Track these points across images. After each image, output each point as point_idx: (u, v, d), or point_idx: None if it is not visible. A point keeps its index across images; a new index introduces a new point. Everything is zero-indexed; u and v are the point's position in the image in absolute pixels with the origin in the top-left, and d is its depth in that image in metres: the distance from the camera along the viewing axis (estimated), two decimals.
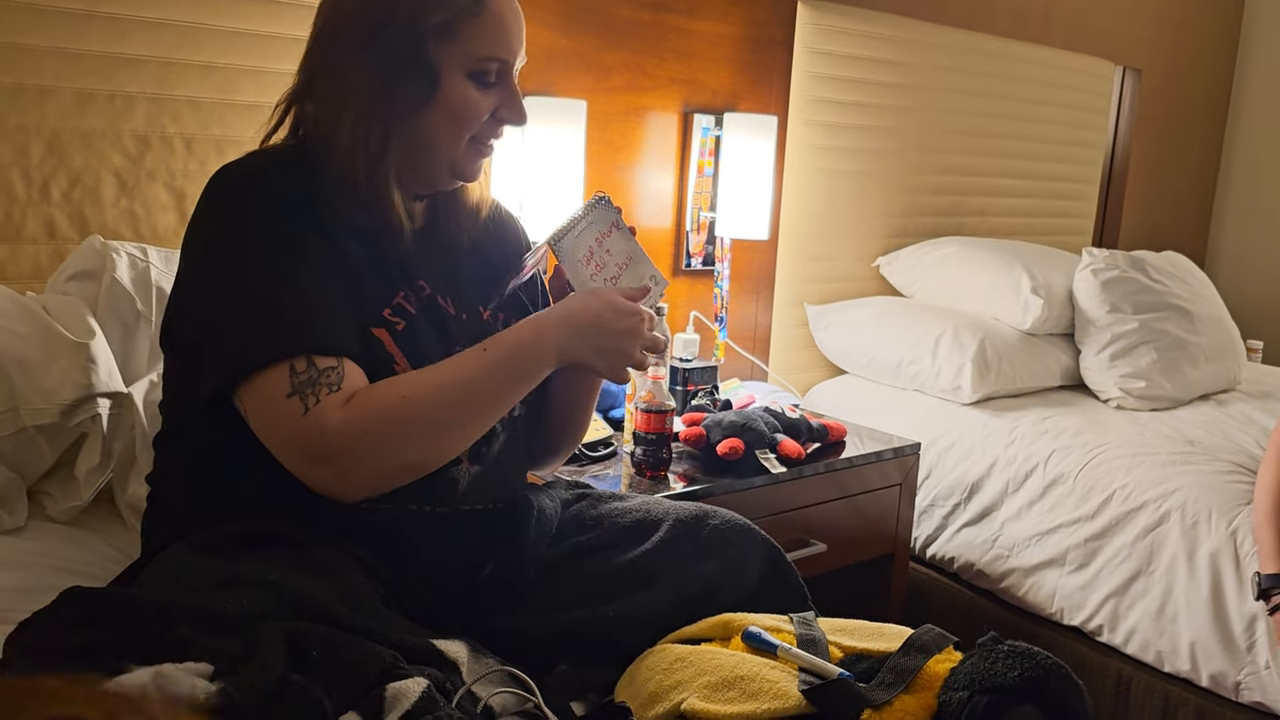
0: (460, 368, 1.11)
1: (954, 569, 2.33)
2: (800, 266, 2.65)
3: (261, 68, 1.75)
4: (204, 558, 1.02)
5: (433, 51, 1.11)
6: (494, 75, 1.15)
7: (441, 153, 1.16)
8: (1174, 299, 2.66)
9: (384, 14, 1.11)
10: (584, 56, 2.19)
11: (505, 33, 1.15)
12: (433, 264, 1.22)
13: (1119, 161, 3.64)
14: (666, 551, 1.24)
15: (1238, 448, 2.26)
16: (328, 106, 1.13)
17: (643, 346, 1.20)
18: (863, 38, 2.66)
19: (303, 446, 1.04)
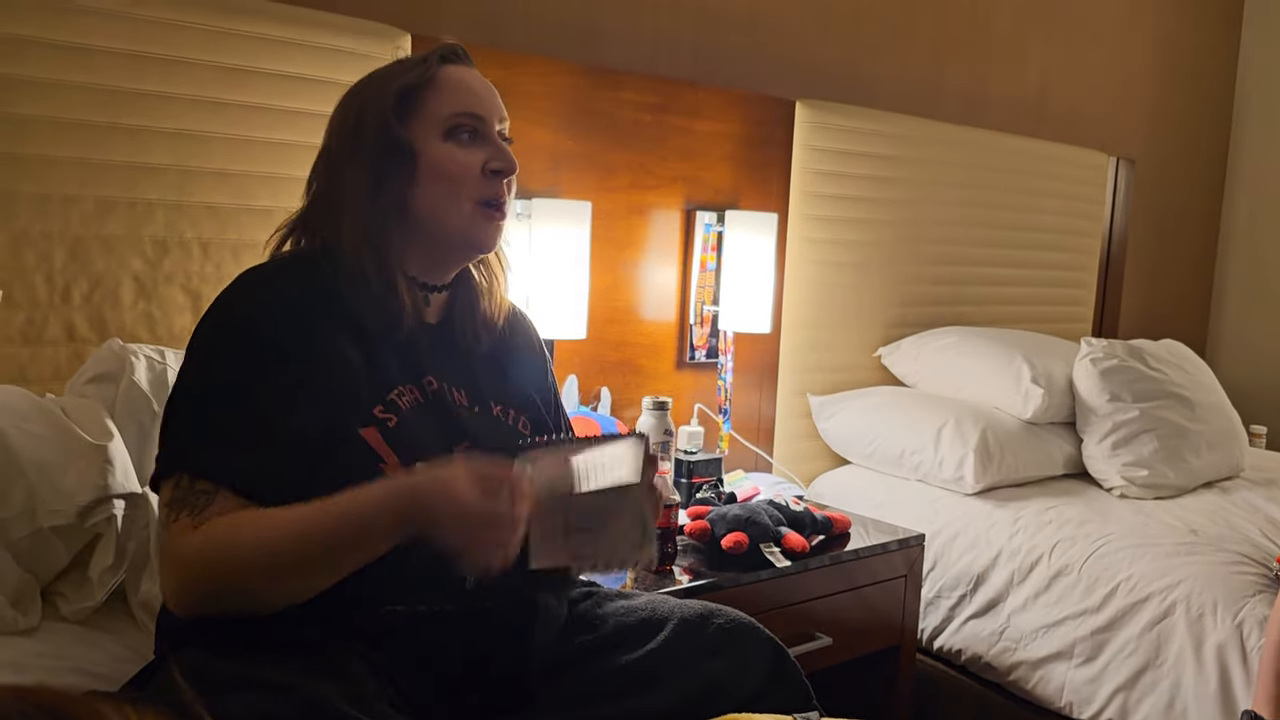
0: (305, 512, 1.06)
1: (961, 661, 2.32)
2: (803, 357, 2.69)
3: (275, 173, 1.81)
4: (217, 658, 1.04)
5: (402, 128, 1.18)
6: (469, 132, 1.21)
7: (446, 221, 1.20)
8: (1173, 387, 2.69)
9: (358, 115, 1.20)
10: (589, 157, 2.26)
11: (470, 93, 1.22)
12: (446, 359, 1.25)
13: (1116, 250, 3.69)
14: (671, 651, 1.25)
15: (1242, 537, 2.26)
16: (330, 216, 1.20)
17: (505, 547, 1.04)
18: (860, 134, 2.73)
19: (159, 554, 1.11)
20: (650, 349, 2.42)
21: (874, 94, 2.89)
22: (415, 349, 1.22)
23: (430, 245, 1.22)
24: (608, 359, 2.33)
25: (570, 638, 1.28)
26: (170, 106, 1.71)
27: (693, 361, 2.49)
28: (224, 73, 1.75)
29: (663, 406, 2.00)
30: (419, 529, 1.05)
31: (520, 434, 1.29)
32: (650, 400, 2.00)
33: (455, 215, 1.20)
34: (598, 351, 2.31)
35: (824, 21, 2.77)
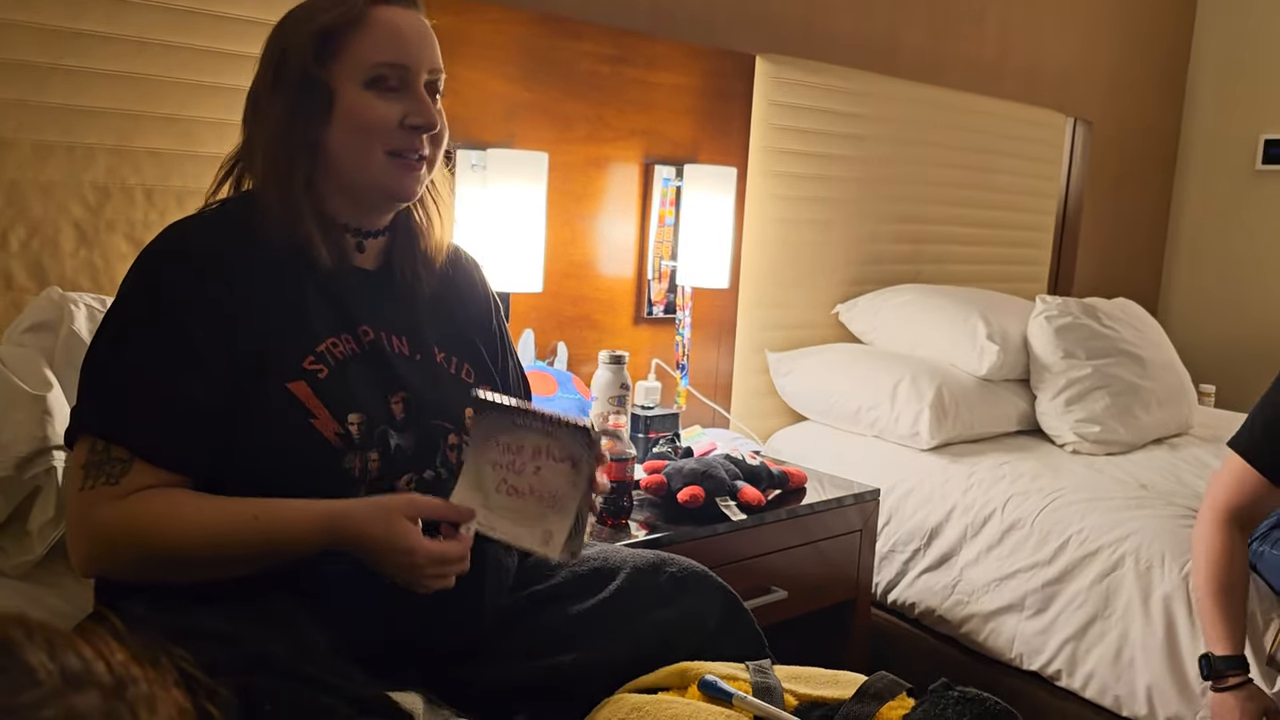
0: (231, 519, 1.07)
1: (915, 614, 2.34)
2: (761, 314, 2.69)
3: (225, 119, 1.75)
4: (159, 611, 1.02)
5: (320, 69, 1.14)
6: (394, 82, 1.15)
7: (357, 169, 1.16)
8: (1126, 345, 2.72)
9: (281, 46, 1.16)
10: (545, 109, 2.23)
11: (398, 39, 1.16)
12: (385, 306, 1.23)
13: (1072, 210, 3.72)
14: (623, 600, 1.24)
15: (1190, 491, 2.30)
16: (253, 147, 1.18)
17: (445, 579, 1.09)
18: (820, 90, 2.71)
19: (70, 515, 1.10)
20: (608, 304, 2.40)
21: (834, 50, 2.87)
22: (349, 297, 1.19)
23: (349, 190, 1.18)
24: (565, 313, 2.31)
25: (522, 588, 1.28)
26: (113, 48, 1.65)
27: (650, 317, 2.47)
28: (172, 14, 1.69)
29: (619, 361, 1.98)
30: (352, 554, 1.07)
31: (463, 382, 1.26)
32: (607, 354, 1.99)
33: (368, 165, 1.16)
34: (555, 306, 2.29)
35: None
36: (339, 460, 1.13)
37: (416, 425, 1.19)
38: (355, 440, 1.14)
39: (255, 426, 1.10)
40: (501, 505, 1.10)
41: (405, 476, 1.18)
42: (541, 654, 1.20)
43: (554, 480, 1.09)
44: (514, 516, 1.10)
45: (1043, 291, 3.57)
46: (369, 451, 1.15)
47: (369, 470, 1.15)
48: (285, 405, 1.11)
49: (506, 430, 1.10)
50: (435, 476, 1.20)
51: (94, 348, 1.13)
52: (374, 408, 1.16)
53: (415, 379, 1.21)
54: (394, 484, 1.17)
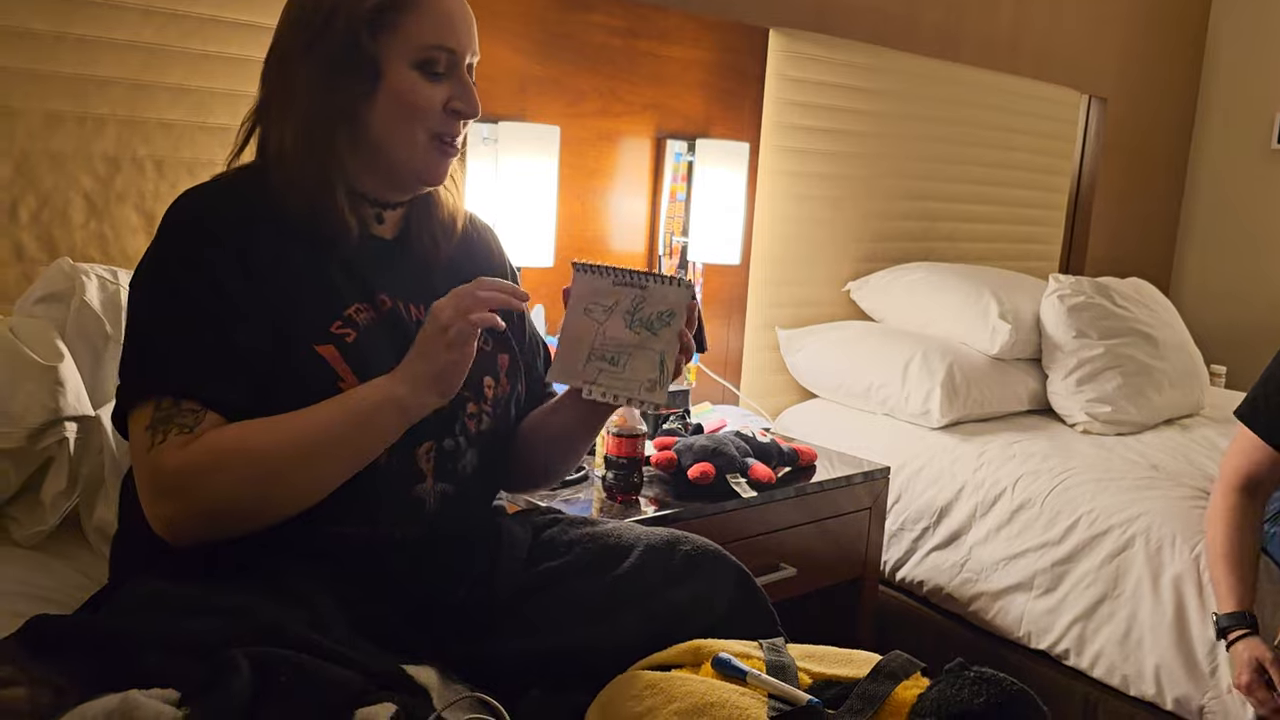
0: (308, 420, 1.08)
1: (923, 593, 2.35)
2: (772, 291, 2.67)
3: (235, 90, 1.74)
4: (172, 585, 1.02)
5: (372, 43, 1.12)
6: (442, 65, 1.15)
7: (397, 149, 1.16)
8: (1139, 325, 2.70)
9: (323, 15, 1.13)
10: (557, 81, 2.21)
11: (449, 23, 1.15)
12: (402, 275, 1.22)
13: (1085, 189, 3.69)
14: (638, 577, 1.24)
15: (1200, 472, 2.29)
16: (280, 115, 1.15)
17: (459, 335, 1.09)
18: (834, 65, 2.69)
19: (145, 480, 1.06)
20: None
21: (849, 24, 2.84)
22: (367, 265, 1.18)
23: (380, 167, 1.18)
24: None
25: (535, 564, 1.27)
26: (122, 16, 1.64)
27: None
28: None
29: None
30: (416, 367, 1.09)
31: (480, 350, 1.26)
32: None
33: (408, 145, 1.16)
34: (566, 281, 2.25)
35: None
36: None
37: None
38: None
39: (286, 389, 1.10)
40: (600, 366, 1.18)
41: (426, 444, 1.18)
42: (554, 631, 1.19)
43: (649, 333, 1.17)
44: (614, 371, 1.18)
45: (1055, 270, 3.55)
46: None
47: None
48: (314, 368, 1.10)
49: (603, 292, 1.18)
50: (455, 445, 1.21)
51: (135, 318, 1.12)
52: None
53: None
54: (414, 451, 1.17)
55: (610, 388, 1.18)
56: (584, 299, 1.18)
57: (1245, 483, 1.82)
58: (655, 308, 1.17)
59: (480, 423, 1.24)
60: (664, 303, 1.17)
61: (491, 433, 1.27)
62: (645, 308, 1.17)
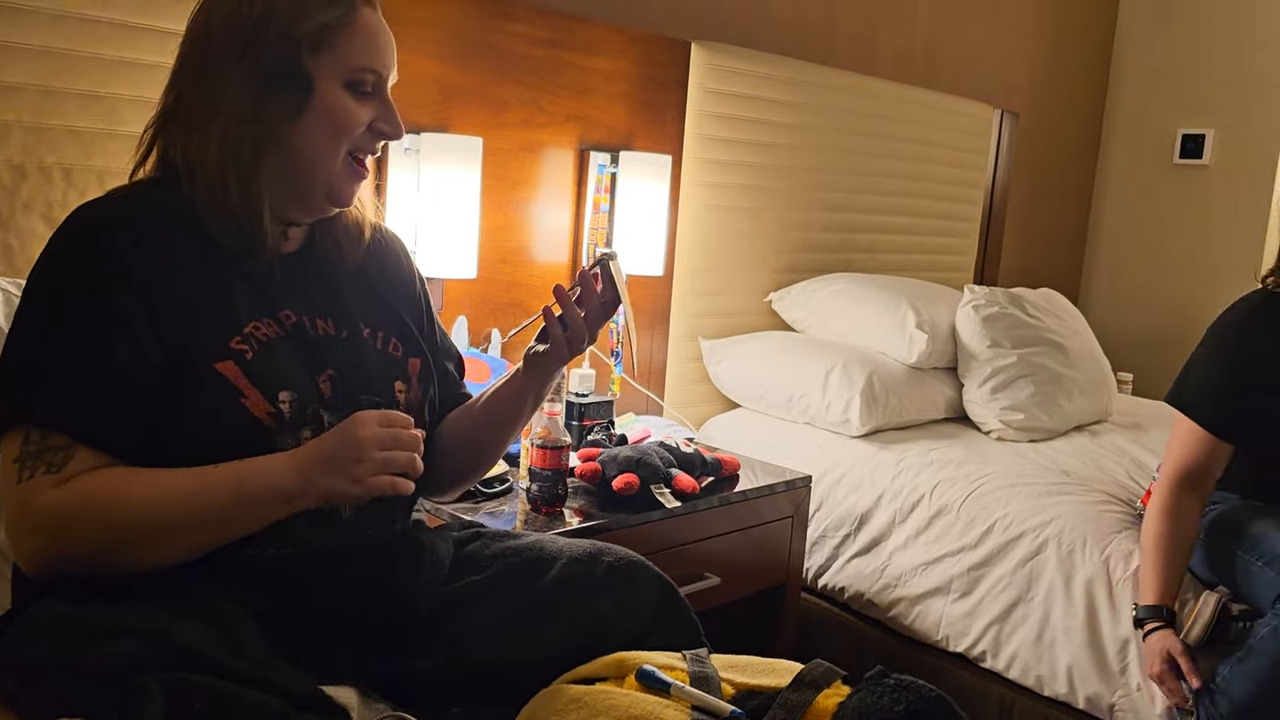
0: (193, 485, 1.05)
1: (844, 599, 2.38)
2: (695, 302, 2.69)
3: (147, 97, 1.70)
4: (80, 608, 0.99)
5: (308, 60, 1.12)
6: (370, 86, 1.16)
7: (319, 165, 1.15)
8: (1050, 334, 2.78)
9: (256, 25, 1.11)
10: (480, 92, 2.20)
11: (379, 46, 1.17)
12: (307, 287, 1.21)
13: (998, 201, 3.79)
14: (560, 590, 1.24)
15: (1110, 478, 2.37)
16: (198, 123, 1.12)
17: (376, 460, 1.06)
18: (755, 78, 2.72)
19: (11, 512, 1.04)
20: (542, 290, 2.38)
21: (770, 38, 2.88)
22: (272, 281, 1.17)
23: (294, 184, 1.16)
24: (499, 300, 2.29)
25: (457, 579, 1.27)
26: (31, 21, 1.59)
27: None
28: None
29: None
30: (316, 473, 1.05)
31: (390, 356, 1.26)
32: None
33: (328, 162, 1.16)
34: (488, 292, 2.27)
35: None
36: (272, 440, 1.11)
37: (346, 402, 1.18)
38: (287, 419, 1.12)
39: (185, 409, 1.07)
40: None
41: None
42: (477, 646, 1.19)
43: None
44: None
45: (969, 280, 3.64)
46: (301, 430, 1.13)
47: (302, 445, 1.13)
48: (215, 386, 1.08)
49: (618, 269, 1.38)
50: None
51: (14, 336, 1.08)
52: (304, 387, 1.15)
53: (342, 357, 1.19)
54: None
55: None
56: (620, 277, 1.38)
57: (1186, 477, 1.84)
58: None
59: None
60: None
61: None
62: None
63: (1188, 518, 1.84)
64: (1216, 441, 1.83)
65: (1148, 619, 1.81)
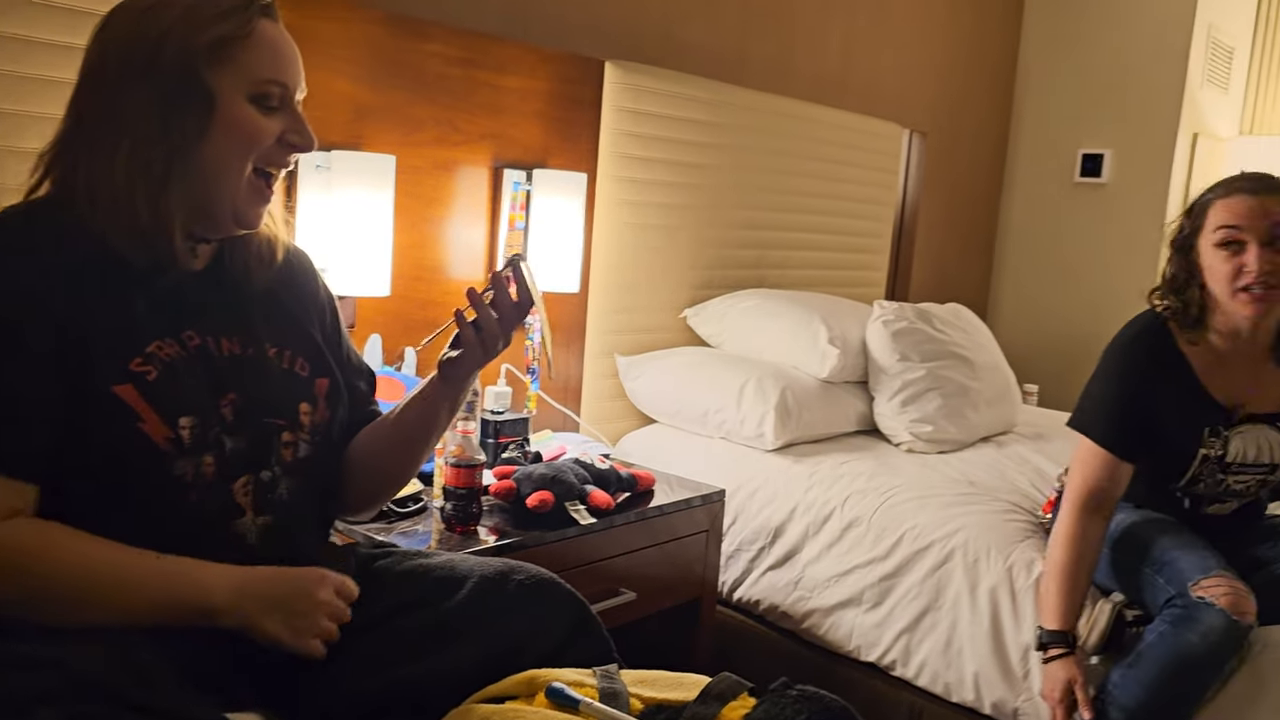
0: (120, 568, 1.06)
1: (760, 611, 2.41)
2: (611, 318, 2.71)
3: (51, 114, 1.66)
4: None
5: (208, 74, 1.11)
6: (276, 100, 1.15)
7: (226, 181, 1.14)
8: (957, 348, 2.86)
9: (155, 42, 1.10)
10: (393, 110, 2.19)
11: (282, 57, 1.16)
12: (213, 306, 1.20)
13: (909, 218, 3.89)
14: (471, 608, 1.24)
15: (1014, 487, 2.44)
16: (102, 143, 1.11)
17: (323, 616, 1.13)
18: (669, 97, 2.76)
19: None
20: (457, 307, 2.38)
21: (684, 58, 2.93)
22: (177, 300, 1.16)
23: (203, 202, 1.15)
24: (413, 317, 2.29)
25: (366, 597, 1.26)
26: None
27: None
28: None
29: None
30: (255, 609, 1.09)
31: (296, 376, 1.25)
32: None
33: (235, 178, 1.14)
34: (403, 310, 2.26)
35: None
36: (169, 465, 1.10)
37: (248, 425, 1.17)
38: (186, 445, 1.11)
39: (83, 433, 1.06)
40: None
41: (242, 479, 1.16)
42: (387, 666, 1.19)
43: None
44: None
45: (881, 296, 3.73)
46: (203, 455, 1.12)
47: (203, 475, 1.12)
48: (112, 409, 1.07)
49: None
50: (271, 476, 1.19)
51: None
52: (206, 410, 1.14)
53: (245, 379, 1.18)
54: (230, 486, 1.15)
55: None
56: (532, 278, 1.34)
57: (1089, 500, 1.88)
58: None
59: (297, 450, 1.23)
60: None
61: (311, 460, 1.25)
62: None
63: (1093, 541, 1.88)
64: (1117, 462, 1.88)
65: (1051, 644, 1.85)
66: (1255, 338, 1.89)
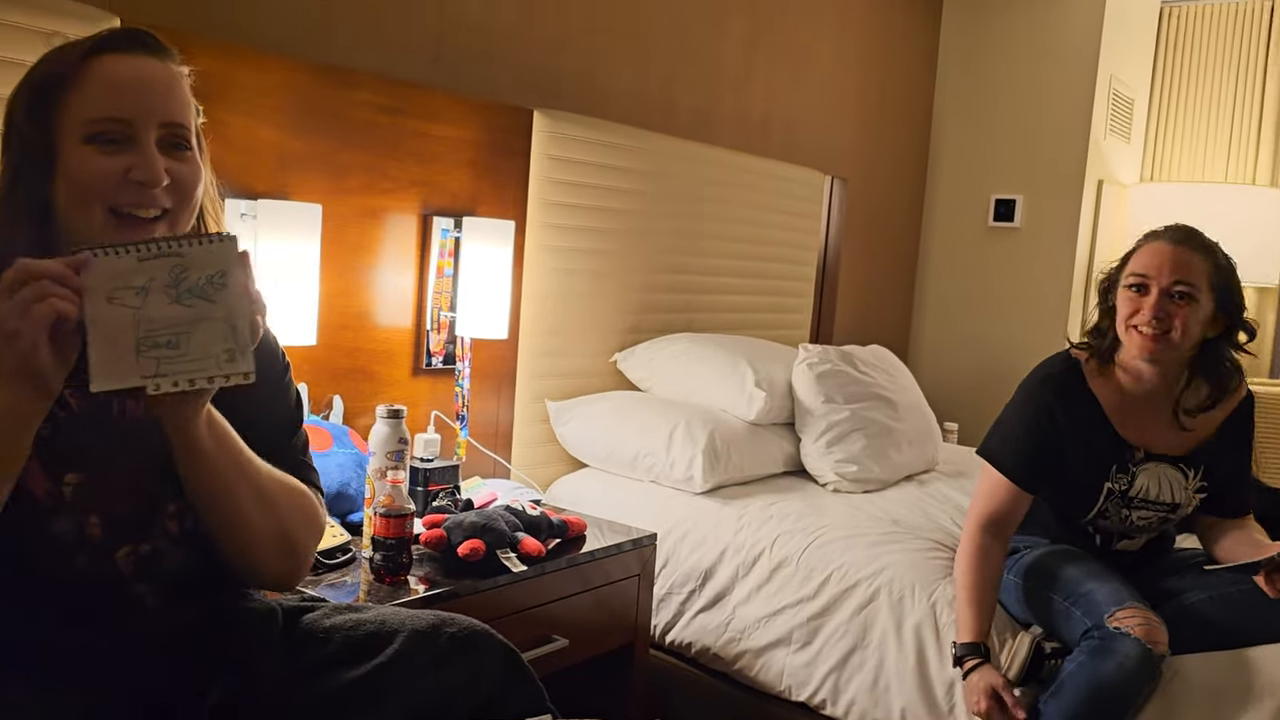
0: None
1: (692, 654, 2.42)
2: (540, 363, 2.72)
3: None
4: None
5: (36, 124, 1.10)
6: (117, 136, 1.10)
7: (80, 227, 1.10)
8: (879, 389, 2.93)
9: (13, 99, 1.12)
10: (320, 158, 2.19)
11: (118, 94, 1.10)
12: None
13: (831, 262, 3.97)
14: (402, 664, 1.24)
15: (936, 525, 2.50)
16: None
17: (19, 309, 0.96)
18: (596, 145, 2.80)
19: None
20: (385, 355, 2.38)
21: (611, 107, 2.97)
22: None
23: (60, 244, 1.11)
24: (340, 365, 2.27)
25: (293, 654, 1.25)
26: None
27: (429, 368, 2.46)
28: None
29: (397, 415, 1.95)
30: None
31: None
32: (384, 408, 1.96)
33: (86, 222, 1.10)
34: (329, 358, 2.24)
35: (562, 34, 2.82)
36: (47, 521, 1.08)
37: (127, 492, 1.15)
38: (68, 501, 1.09)
39: None
40: (157, 355, 1.01)
41: (122, 549, 1.14)
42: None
43: (206, 301, 1.02)
44: (176, 355, 1.01)
45: (805, 339, 3.79)
46: (88, 516, 1.10)
47: (88, 536, 1.10)
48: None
49: (127, 273, 1.01)
50: (153, 549, 1.17)
51: None
52: (98, 469, 1.12)
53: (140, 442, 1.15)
54: (111, 556, 1.13)
55: (181, 373, 1.01)
56: (104, 288, 1.00)
57: (989, 523, 1.99)
58: (202, 272, 1.03)
59: (185, 521, 1.19)
60: (210, 264, 1.03)
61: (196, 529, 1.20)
62: (190, 275, 1.02)
63: (995, 559, 1.98)
64: (1020, 492, 1.99)
65: (966, 655, 1.92)
66: (1158, 385, 1.98)
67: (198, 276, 1.02)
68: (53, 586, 1.06)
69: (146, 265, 1.01)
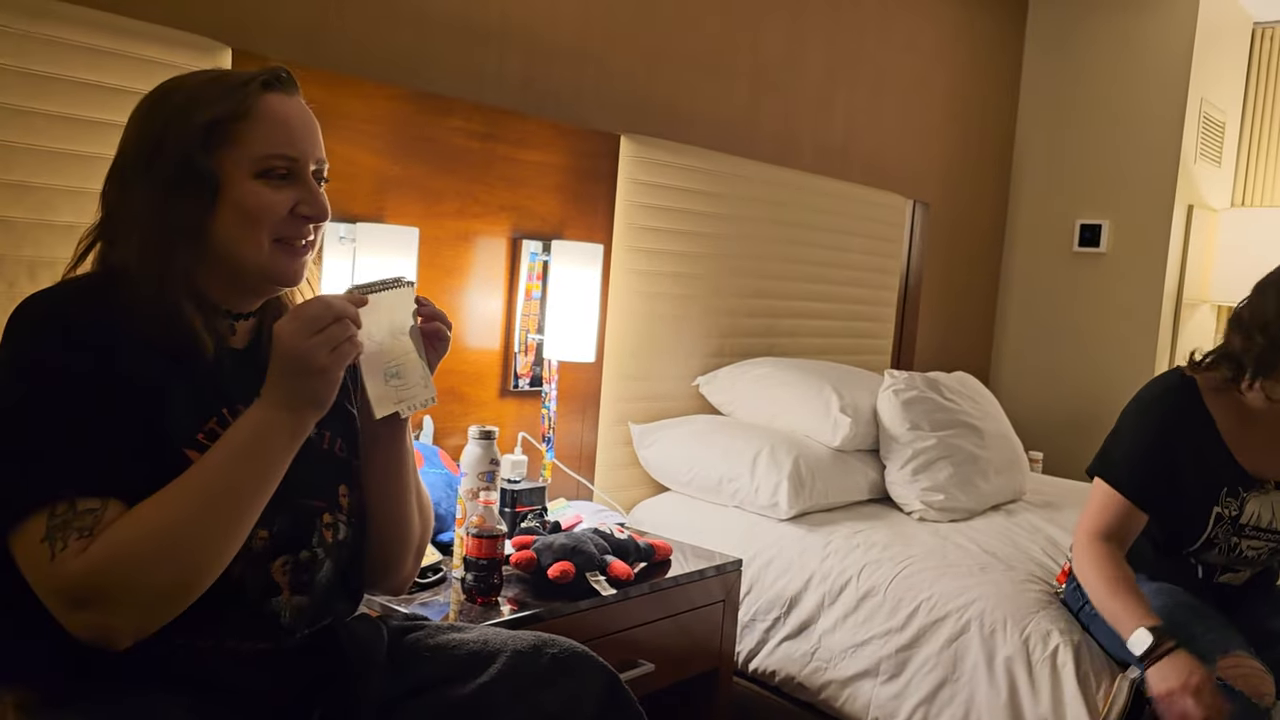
0: (192, 477, 1.07)
1: (775, 682, 2.40)
2: (624, 386, 2.73)
3: (81, 188, 1.70)
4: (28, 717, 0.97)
5: (208, 157, 1.13)
6: (284, 172, 1.16)
7: (244, 254, 1.15)
8: (965, 416, 2.88)
9: (158, 134, 1.14)
10: (415, 183, 2.24)
11: (286, 131, 1.16)
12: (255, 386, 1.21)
13: (913, 286, 3.93)
14: (504, 684, 1.24)
15: (1027, 556, 2.44)
16: (120, 234, 1.14)
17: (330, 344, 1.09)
18: (681, 170, 2.81)
19: (52, 595, 1.01)
20: (475, 377, 2.40)
21: (695, 131, 2.99)
22: (218, 378, 1.17)
23: (230, 275, 1.17)
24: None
25: (399, 671, 1.26)
26: None
27: (516, 390, 2.49)
28: (29, 78, 1.64)
29: (489, 436, 1.98)
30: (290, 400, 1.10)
31: (335, 457, 1.26)
32: (476, 429, 1.99)
33: (253, 251, 1.16)
34: None
35: (649, 60, 2.85)
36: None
37: (288, 505, 1.17)
38: None
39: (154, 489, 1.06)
40: (395, 383, 1.21)
41: (281, 558, 1.17)
42: None
43: (407, 337, 1.22)
44: (403, 385, 1.21)
45: (887, 363, 3.75)
46: (258, 529, 1.12)
47: (253, 547, 1.13)
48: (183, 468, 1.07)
49: (381, 311, 1.19)
50: (311, 557, 1.20)
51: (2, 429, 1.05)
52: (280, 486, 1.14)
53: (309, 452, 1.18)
54: (269, 565, 1.15)
55: (412, 399, 1.23)
56: (367, 326, 1.17)
57: (1102, 534, 1.90)
58: (405, 310, 1.22)
59: (337, 532, 1.24)
60: (405, 303, 1.22)
61: (350, 543, 1.26)
62: (397, 314, 1.21)
63: (1120, 560, 1.88)
64: (1132, 509, 1.90)
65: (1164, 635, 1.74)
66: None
67: (402, 315, 1.21)
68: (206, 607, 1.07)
69: (383, 304, 1.19)
